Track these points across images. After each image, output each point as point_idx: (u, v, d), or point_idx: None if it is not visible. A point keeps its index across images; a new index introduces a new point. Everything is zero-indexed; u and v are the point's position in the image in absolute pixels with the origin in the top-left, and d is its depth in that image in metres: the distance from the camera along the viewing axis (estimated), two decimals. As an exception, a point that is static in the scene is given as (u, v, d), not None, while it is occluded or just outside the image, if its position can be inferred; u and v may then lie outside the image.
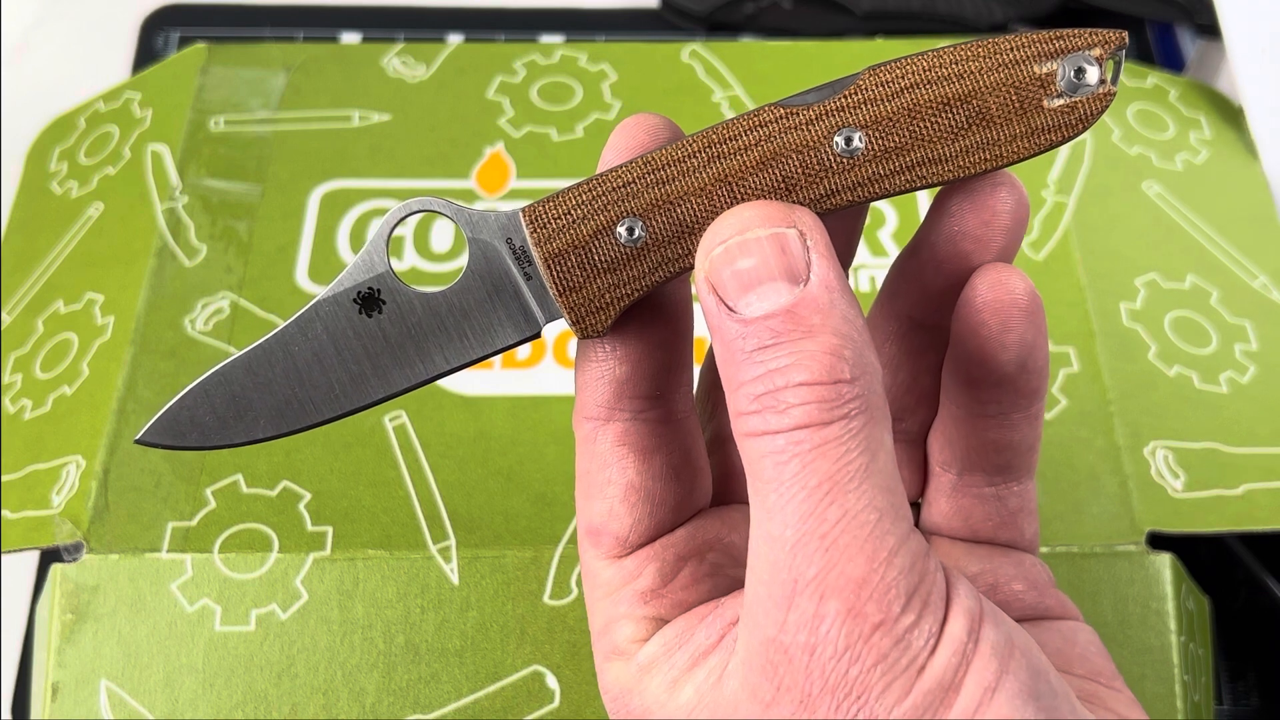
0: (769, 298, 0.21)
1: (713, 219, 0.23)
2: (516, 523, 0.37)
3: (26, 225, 0.47)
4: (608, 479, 0.25)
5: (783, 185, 0.23)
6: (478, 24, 0.57)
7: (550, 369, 0.41)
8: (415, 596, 0.36)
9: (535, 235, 0.24)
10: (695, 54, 0.50)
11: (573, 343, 0.42)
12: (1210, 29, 0.56)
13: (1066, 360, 0.41)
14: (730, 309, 0.21)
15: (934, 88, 0.23)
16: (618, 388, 0.25)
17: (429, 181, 0.46)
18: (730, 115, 0.49)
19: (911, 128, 0.23)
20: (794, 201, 0.23)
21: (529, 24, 0.57)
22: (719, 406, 0.28)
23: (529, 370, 0.41)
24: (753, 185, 0.23)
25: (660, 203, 0.23)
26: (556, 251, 0.24)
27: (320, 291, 0.42)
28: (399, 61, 0.50)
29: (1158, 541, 0.37)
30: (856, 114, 0.23)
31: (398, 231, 0.45)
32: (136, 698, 0.35)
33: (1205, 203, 0.46)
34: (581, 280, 0.24)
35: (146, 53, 0.56)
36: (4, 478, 0.39)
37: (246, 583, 0.36)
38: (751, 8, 0.57)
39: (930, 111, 0.23)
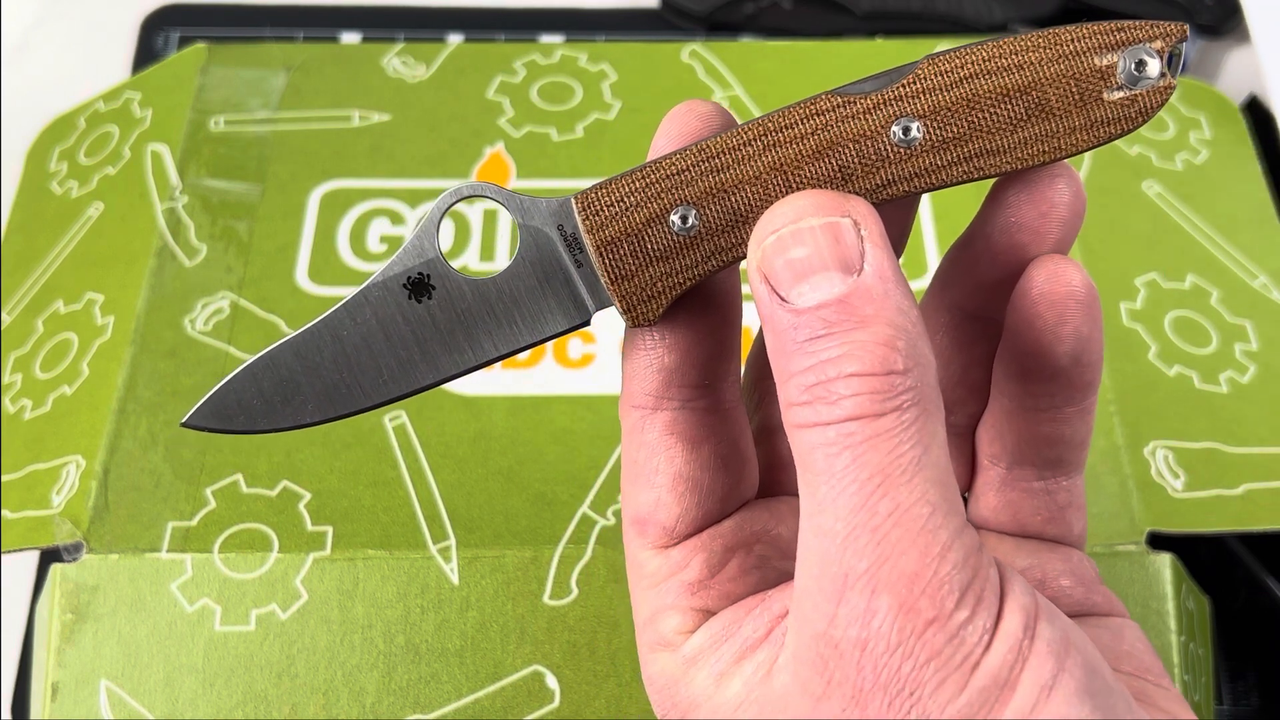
0: (822, 287, 0.21)
1: (767, 208, 0.23)
2: (516, 523, 0.37)
3: (26, 225, 0.47)
4: (655, 468, 0.25)
5: (839, 174, 0.23)
6: (478, 24, 0.57)
7: (550, 369, 0.41)
8: (415, 596, 0.36)
9: (588, 222, 0.23)
10: (695, 54, 0.50)
11: (573, 343, 0.42)
12: (1211, 29, 0.56)
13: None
14: (782, 299, 0.21)
15: (994, 78, 0.23)
16: (666, 376, 0.24)
17: (429, 181, 0.46)
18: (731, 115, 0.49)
19: (970, 118, 0.23)
20: (849, 191, 0.23)
21: (529, 24, 0.57)
22: (766, 396, 0.28)
23: (529, 370, 0.41)
24: (808, 174, 0.23)
25: (714, 191, 0.23)
26: (609, 239, 0.23)
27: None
28: (399, 61, 0.50)
29: (1158, 541, 0.37)
30: (915, 104, 0.23)
31: (394, 231, 0.45)
32: (136, 698, 0.35)
33: (1205, 203, 0.46)
34: (634, 269, 0.23)
35: (146, 52, 0.56)
36: (4, 478, 0.39)
37: (246, 583, 0.36)
38: (751, 8, 0.57)
39: (989, 102, 0.23)
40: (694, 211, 0.23)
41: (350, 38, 0.56)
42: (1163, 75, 0.23)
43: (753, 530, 0.26)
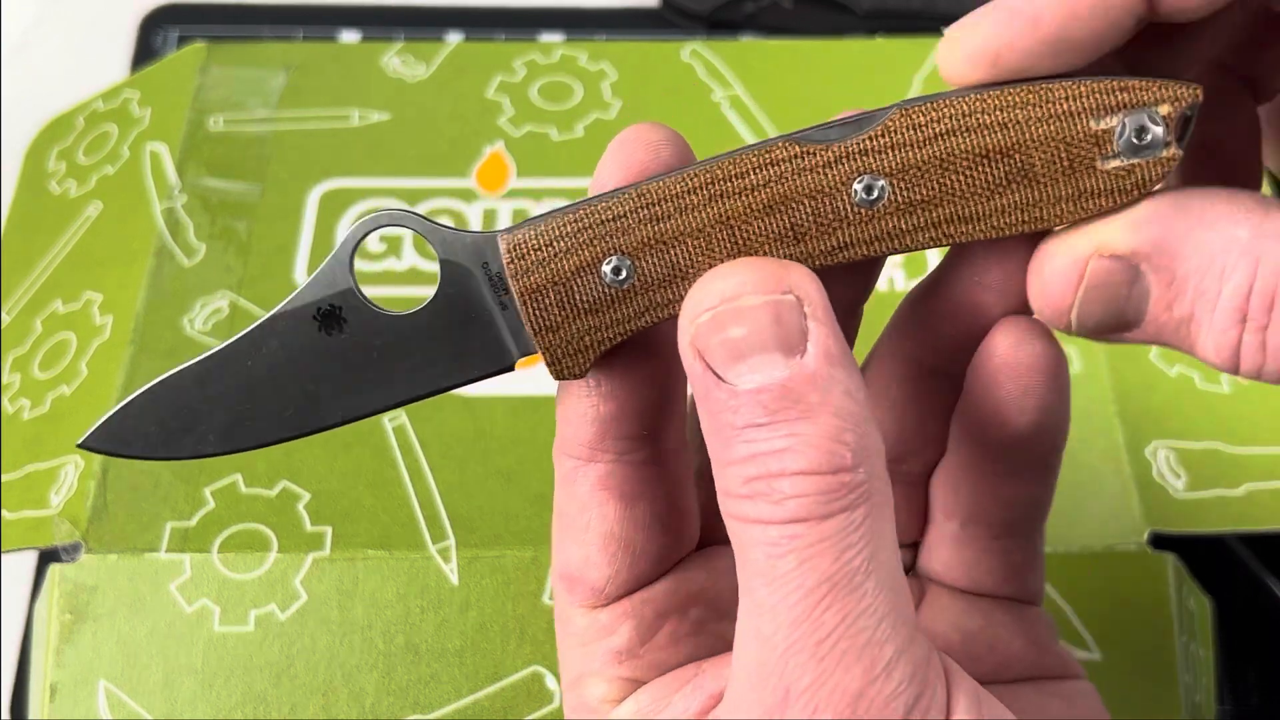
0: (762, 370, 0.19)
1: (709, 264, 0.21)
2: (516, 523, 0.37)
3: (25, 225, 0.47)
4: (586, 524, 0.23)
5: (790, 233, 0.21)
6: (477, 23, 0.57)
7: (550, 369, 0.41)
8: (415, 597, 0.36)
9: (513, 266, 0.21)
10: (695, 53, 0.50)
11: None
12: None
13: (1068, 360, 0.41)
14: (718, 377, 0.19)
15: (971, 136, 0.20)
16: (602, 427, 0.22)
17: (429, 180, 0.46)
18: (731, 115, 0.49)
19: (942, 180, 0.20)
20: (803, 252, 0.21)
21: (529, 23, 0.57)
22: None
23: (529, 370, 0.41)
24: (757, 230, 0.21)
25: (652, 242, 0.21)
26: (534, 286, 0.21)
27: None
28: (398, 61, 0.50)
29: (1159, 542, 0.37)
30: (881, 159, 0.20)
31: (394, 230, 0.45)
32: (135, 698, 0.35)
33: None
34: (560, 320, 0.22)
35: (145, 52, 0.55)
36: (3, 478, 0.39)
37: (245, 583, 0.36)
38: (752, 7, 0.57)
39: (965, 163, 0.20)
40: (629, 263, 0.21)
41: (350, 37, 0.56)
42: (1167, 144, 0.20)
43: (689, 591, 0.24)
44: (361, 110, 0.48)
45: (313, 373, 0.23)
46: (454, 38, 0.55)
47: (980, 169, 0.20)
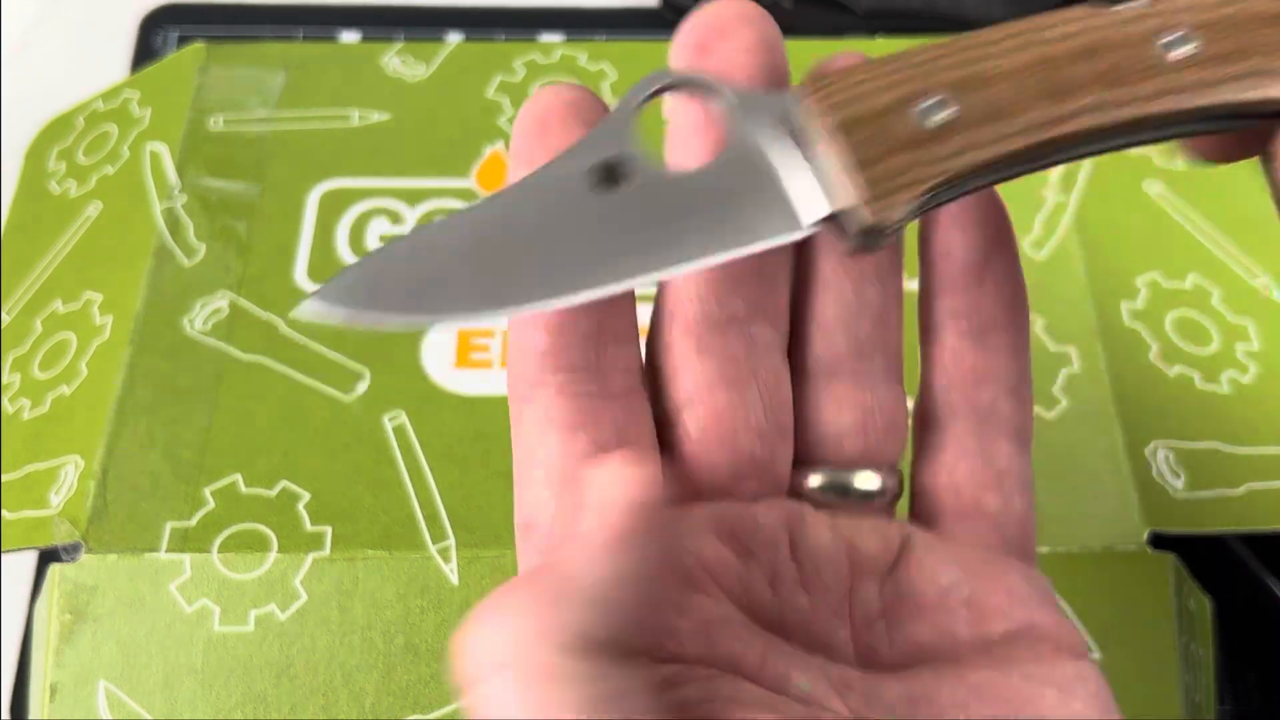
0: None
1: (1027, 104, 0.20)
2: (516, 523, 0.37)
3: (25, 225, 0.47)
4: (534, 462, 0.22)
5: (1108, 76, 0.20)
6: (477, 23, 0.57)
7: (550, 369, 0.41)
8: (415, 597, 0.36)
9: (822, 104, 0.20)
10: (695, 53, 0.50)
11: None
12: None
13: (1067, 360, 0.41)
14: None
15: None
16: (539, 359, 0.22)
17: (429, 180, 0.46)
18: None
19: (1245, 36, 0.20)
20: (1120, 96, 0.21)
21: (529, 23, 0.57)
22: (658, 382, 0.25)
23: (529, 370, 0.41)
24: (1074, 74, 0.20)
25: (970, 80, 0.20)
26: (847, 121, 0.20)
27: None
28: (398, 60, 0.50)
29: (1159, 542, 0.37)
30: (1183, 17, 0.21)
31: (394, 231, 0.45)
32: (135, 698, 0.35)
33: (1207, 202, 0.46)
34: (876, 154, 0.20)
35: (145, 52, 0.55)
36: (3, 478, 0.39)
37: (245, 583, 0.36)
38: (751, 7, 0.57)
39: (1265, 22, 0.20)
40: (945, 98, 0.20)
41: (349, 37, 0.56)
42: None
43: None
44: (361, 110, 0.48)
45: (590, 230, 0.20)
46: (454, 38, 0.55)
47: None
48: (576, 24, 0.57)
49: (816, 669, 0.22)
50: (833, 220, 0.21)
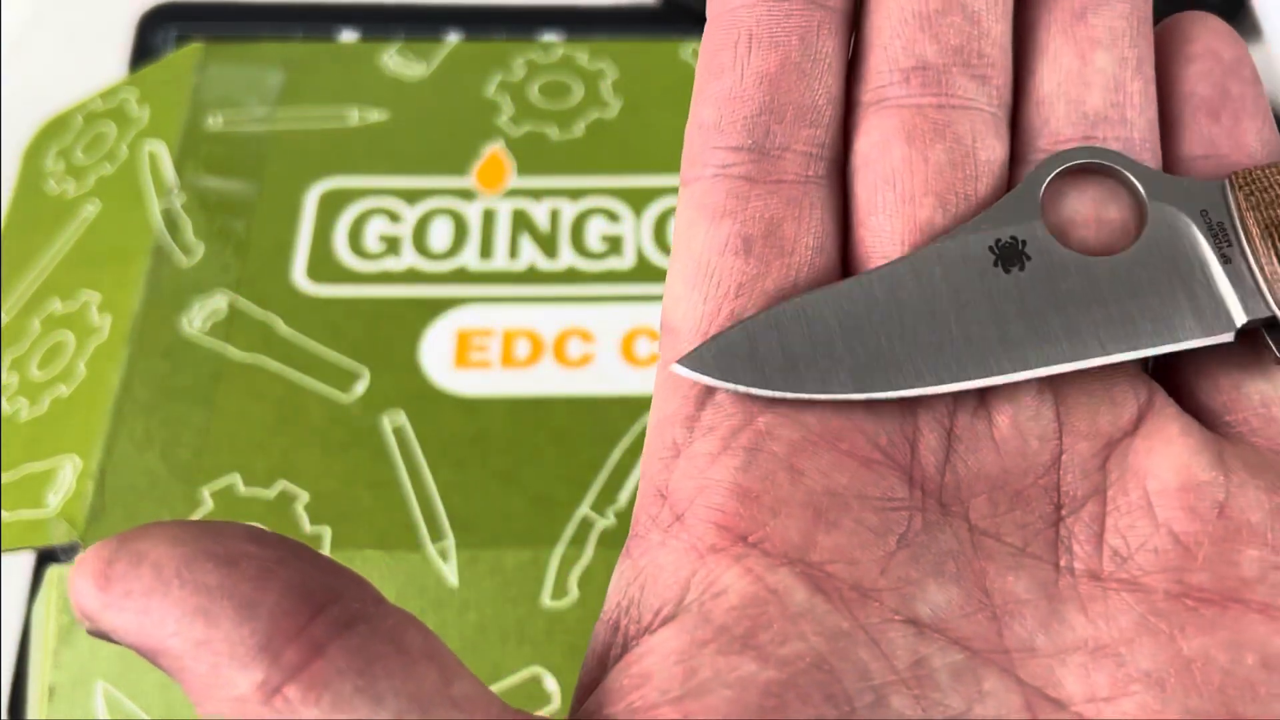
0: None
1: None
2: (515, 523, 0.37)
3: (23, 225, 0.47)
4: (680, 253, 0.20)
5: None
6: (477, 22, 0.57)
7: (550, 369, 0.41)
8: (413, 597, 0.36)
9: (1252, 199, 0.19)
10: (696, 53, 0.50)
11: (572, 343, 0.42)
12: (1213, 26, 0.56)
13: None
14: None
15: None
16: (703, 135, 0.20)
17: (428, 180, 0.46)
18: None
19: None
20: None
21: (528, 21, 0.57)
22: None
23: (529, 370, 0.41)
24: None
25: None
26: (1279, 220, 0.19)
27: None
28: (397, 59, 0.50)
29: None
30: None
31: (392, 230, 0.45)
32: (133, 699, 0.35)
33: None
34: None
35: (144, 51, 0.55)
36: (2, 478, 0.39)
37: (244, 584, 0.36)
38: (752, 5, 0.56)
39: None
40: None
41: (348, 35, 0.56)
42: None
43: None
44: (360, 109, 0.48)
45: (980, 314, 0.19)
46: (453, 37, 0.55)
47: None
48: (576, 23, 0.57)
49: (973, 578, 0.18)
50: (1261, 324, 0.19)
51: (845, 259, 0.21)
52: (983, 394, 0.20)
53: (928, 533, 0.18)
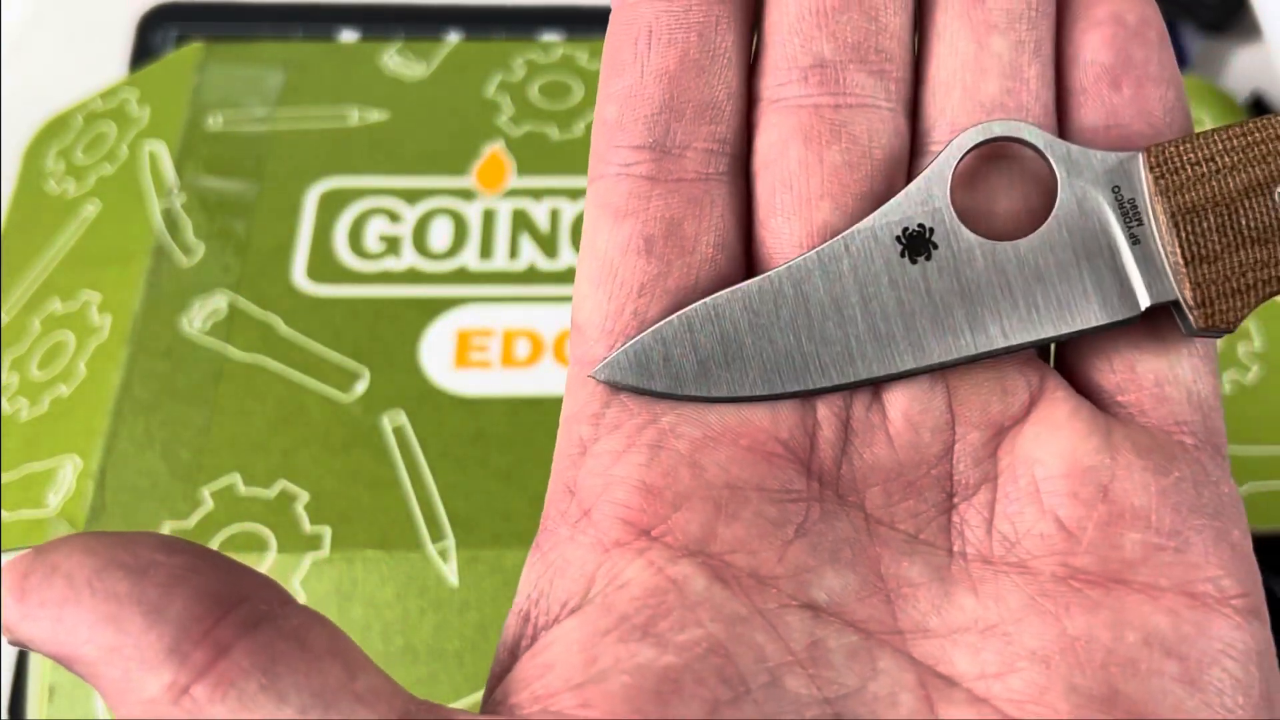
0: None
1: None
2: (515, 523, 0.37)
3: (23, 225, 0.47)
4: (586, 252, 0.21)
5: None
6: (477, 21, 0.57)
7: (550, 369, 0.41)
8: (414, 597, 0.36)
9: (1162, 182, 0.19)
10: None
11: (572, 342, 0.42)
12: (1214, 27, 0.56)
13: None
14: None
15: None
16: (607, 133, 0.20)
17: (428, 180, 0.46)
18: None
19: None
20: None
21: (529, 21, 0.57)
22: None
23: (529, 370, 0.41)
24: None
25: None
26: (1190, 205, 0.18)
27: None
28: (397, 59, 0.50)
29: (1160, 542, 0.37)
30: None
31: (392, 230, 0.45)
32: (133, 699, 0.35)
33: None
34: (1219, 249, 0.18)
35: (144, 51, 0.55)
36: (2, 478, 0.39)
37: (244, 584, 0.36)
38: (752, 5, 0.56)
39: None
40: None
41: (348, 35, 0.56)
42: None
43: None
44: (360, 109, 0.48)
45: (886, 307, 0.19)
46: (453, 36, 0.55)
47: None
48: (576, 22, 0.57)
49: (868, 564, 0.19)
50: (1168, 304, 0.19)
51: (750, 255, 0.21)
52: (878, 386, 0.20)
53: (825, 522, 0.19)
